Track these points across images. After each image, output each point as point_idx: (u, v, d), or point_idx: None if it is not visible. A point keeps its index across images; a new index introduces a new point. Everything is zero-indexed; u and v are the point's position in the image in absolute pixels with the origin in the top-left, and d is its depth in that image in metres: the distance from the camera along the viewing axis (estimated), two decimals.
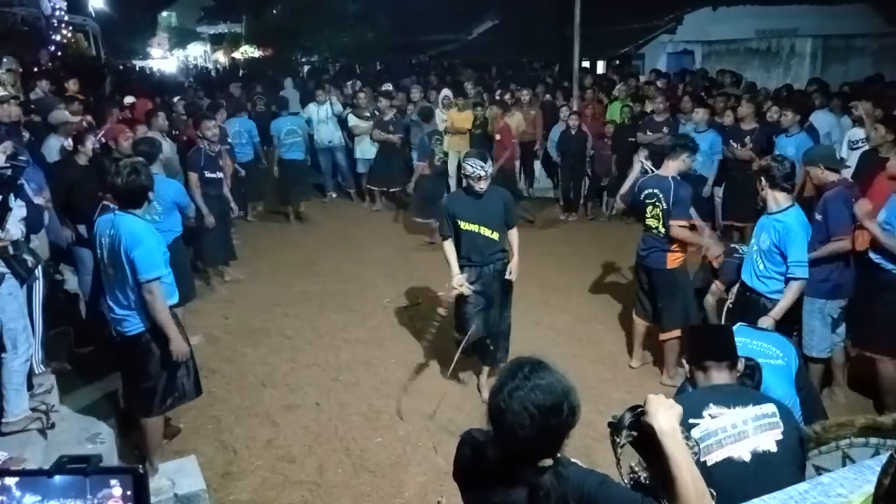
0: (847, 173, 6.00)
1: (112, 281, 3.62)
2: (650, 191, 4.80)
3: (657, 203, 4.74)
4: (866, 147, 5.91)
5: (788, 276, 3.94)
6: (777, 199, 4.02)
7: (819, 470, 2.39)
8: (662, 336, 4.96)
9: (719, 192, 7.56)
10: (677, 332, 4.82)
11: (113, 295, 3.63)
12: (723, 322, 4.81)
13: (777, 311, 3.91)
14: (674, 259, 4.79)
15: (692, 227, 4.86)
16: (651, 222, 4.81)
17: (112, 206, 3.72)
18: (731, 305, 4.61)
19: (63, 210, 5.01)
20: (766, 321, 3.86)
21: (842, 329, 4.48)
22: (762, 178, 4.04)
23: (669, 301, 4.86)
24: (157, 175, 4.70)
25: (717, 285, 5.09)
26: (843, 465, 2.36)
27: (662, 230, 4.74)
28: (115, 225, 3.53)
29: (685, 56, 14.72)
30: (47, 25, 15.79)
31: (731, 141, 7.21)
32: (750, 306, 4.14)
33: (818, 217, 4.24)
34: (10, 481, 1.20)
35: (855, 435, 2.39)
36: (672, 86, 10.94)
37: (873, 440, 2.37)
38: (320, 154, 10.33)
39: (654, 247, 4.81)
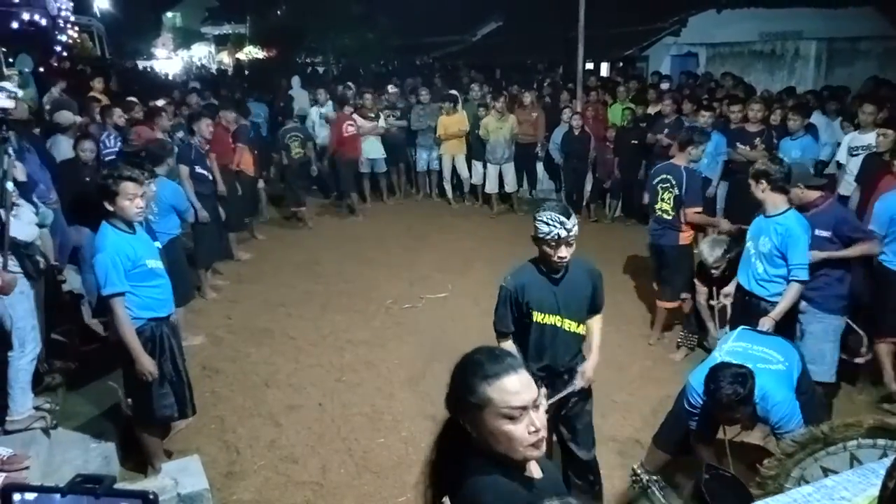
0: (850, 178, 6.04)
1: None
2: (664, 176, 5.28)
3: (670, 189, 5.21)
4: (867, 152, 5.90)
5: (791, 278, 3.93)
6: (776, 201, 4.01)
7: (826, 471, 2.38)
8: (661, 304, 5.56)
9: (723, 192, 7.54)
10: (673, 305, 5.48)
11: None
12: (727, 324, 4.81)
13: (777, 313, 3.90)
14: (686, 237, 5.31)
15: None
16: (663, 206, 5.28)
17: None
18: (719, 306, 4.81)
19: (71, 209, 5.03)
20: (766, 322, 3.85)
21: None
22: (762, 180, 4.02)
23: (675, 274, 5.38)
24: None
25: (699, 286, 5.14)
26: (851, 466, 2.35)
27: (672, 213, 5.22)
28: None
29: (689, 58, 14.68)
30: (53, 26, 15.85)
31: (738, 143, 7.19)
32: (750, 310, 4.12)
33: (823, 234, 4.14)
34: (29, 496, 1.20)
35: (863, 436, 2.38)
36: (677, 87, 10.93)
37: (881, 441, 2.36)
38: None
39: (667, 226, 5.30)
